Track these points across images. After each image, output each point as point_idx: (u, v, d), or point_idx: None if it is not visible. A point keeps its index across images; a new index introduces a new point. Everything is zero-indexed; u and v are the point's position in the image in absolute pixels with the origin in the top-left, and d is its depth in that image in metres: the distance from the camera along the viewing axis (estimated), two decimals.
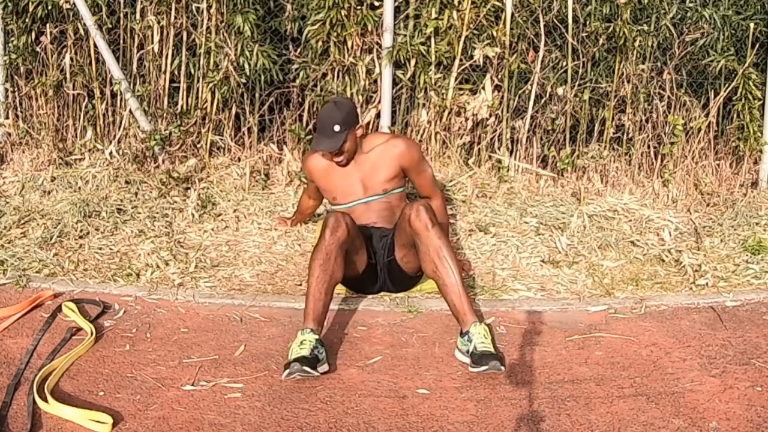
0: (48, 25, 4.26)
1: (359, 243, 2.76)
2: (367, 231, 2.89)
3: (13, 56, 4.31)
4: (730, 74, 4.22)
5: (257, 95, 4.27)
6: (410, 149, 2.93)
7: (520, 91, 4.20)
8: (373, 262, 2.88)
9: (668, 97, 4.24)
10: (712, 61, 4.15)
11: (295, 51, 4.20)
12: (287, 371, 2.28)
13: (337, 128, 2.76)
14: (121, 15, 4.23)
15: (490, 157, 4.26)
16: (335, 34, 4.05)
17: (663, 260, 3.38)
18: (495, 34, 4.05)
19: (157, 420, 2.07)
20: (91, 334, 2.52)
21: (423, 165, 3.00)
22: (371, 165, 2.91)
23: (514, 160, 4.24)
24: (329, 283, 2.53)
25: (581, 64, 4.18)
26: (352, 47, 4.09)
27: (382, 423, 2.09)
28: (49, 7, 4.17)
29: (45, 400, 2.10)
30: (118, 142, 4.26)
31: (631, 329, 2.72)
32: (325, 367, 2.37)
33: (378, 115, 4.21)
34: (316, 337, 2.41)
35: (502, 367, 2.35)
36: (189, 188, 3.99)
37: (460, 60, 4.11)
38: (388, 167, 2.90)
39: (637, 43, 4.10)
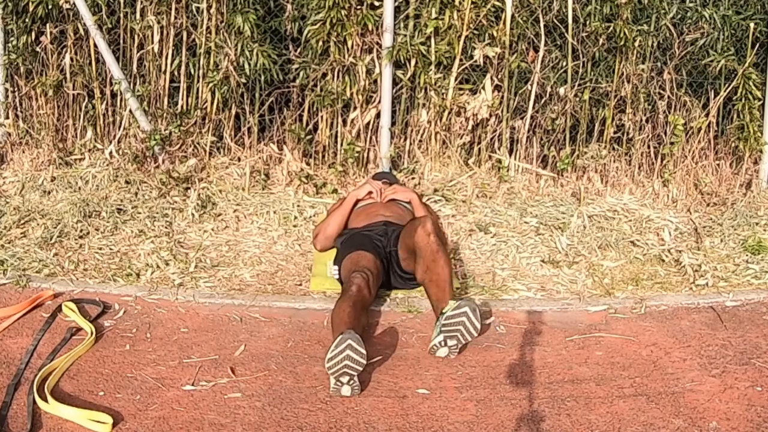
0: (48, 25, 4.25)
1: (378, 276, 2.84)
2: (380, 225, 3.11)
3: (13, 56, 4.31)
4: (730, 74, 4.22)
5: (257, 95, 4.27)
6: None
7: (520, 91, 4.20)
8: (381, 257, 2.95)
9: (668, 97, 4.24)
10: (712, 61, 4.15)
11: (295, 51, 4.19)
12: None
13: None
14: (121, 15, 4.22)
15: (490, 157, 4.26)
16: (335, 34, 4.05)
17: (663, 260, 3.38)
18: (495, 34, 4.05)
19: (157, 420, 2.07)
20: (91, 334, 2.52)
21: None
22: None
23: (514, 160, 4.24)
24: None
25: (581, 64, 4.18)
26: (352, 47, 4.08)
27: (382, 423, 2.09)
28: (49, 7, 4.16)
29: (45, 400, 2.10)
30: (118, 142, 4.25)
31: (631, 329, 2.72)
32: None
33: (378, 115, 4.20)
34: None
35: (476, 306, 2.45)
36: (189, 188, 3.99)
37: (460, 60, 4.10)
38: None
39: (637, 43, 4.10)
